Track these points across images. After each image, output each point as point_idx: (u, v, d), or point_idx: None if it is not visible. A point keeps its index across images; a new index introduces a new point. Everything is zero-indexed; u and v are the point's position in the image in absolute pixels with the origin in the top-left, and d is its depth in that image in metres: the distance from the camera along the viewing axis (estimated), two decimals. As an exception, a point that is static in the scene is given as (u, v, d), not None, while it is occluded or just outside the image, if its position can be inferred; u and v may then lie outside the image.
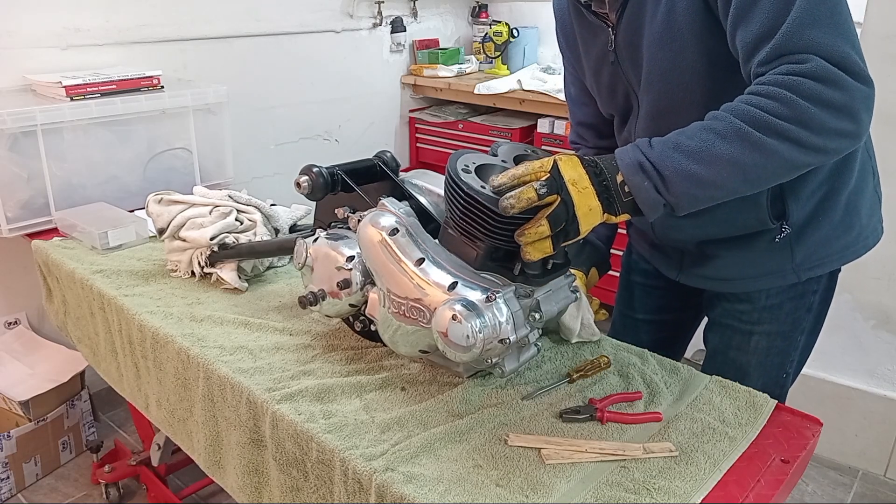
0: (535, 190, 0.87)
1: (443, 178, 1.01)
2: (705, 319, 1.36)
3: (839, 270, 1.22)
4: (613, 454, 0.93)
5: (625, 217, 0.92)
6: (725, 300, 1.26)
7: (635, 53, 1.09)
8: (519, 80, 2.84)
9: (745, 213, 1.11)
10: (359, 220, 1.08)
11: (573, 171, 0.89)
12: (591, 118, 1.32)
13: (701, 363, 1.33)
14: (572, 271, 1.24)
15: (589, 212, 0.89)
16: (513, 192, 0.88)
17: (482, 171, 0.98)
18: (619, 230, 1.43)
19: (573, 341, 1.15)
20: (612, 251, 1.37)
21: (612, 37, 1.10)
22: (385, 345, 1.07)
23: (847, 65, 0.86)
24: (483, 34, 3.13)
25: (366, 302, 1.08)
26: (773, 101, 0.86)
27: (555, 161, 0.90)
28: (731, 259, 1.19)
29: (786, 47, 0.88)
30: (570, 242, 0.92)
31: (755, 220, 1.11)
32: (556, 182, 0.88)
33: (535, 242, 0.89)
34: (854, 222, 1.15)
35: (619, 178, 0.90)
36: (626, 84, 1.14)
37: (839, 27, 0.87)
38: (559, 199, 0.88)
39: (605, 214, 0.91)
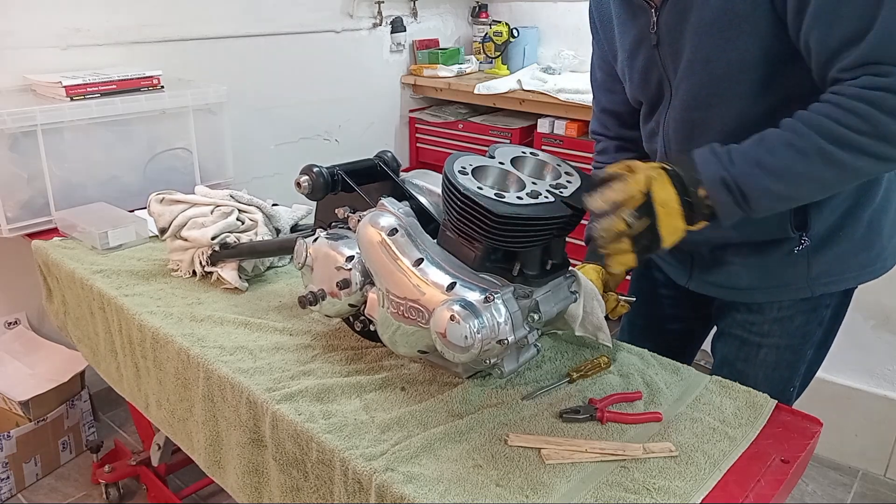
0: (626, 222, 0.91)
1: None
2: (713, 329, 1.34)
3: (854, 288, 1.19)
4: (613, 454, 0.93)
5: (701, 225, 0.95)
6: (735, 310, 1.24)
7: (677, 38, 1.06)
8: (519, 80, 2.84)
9: (768, 220, 1.08)
10: (359, 220, 1.08)
11: (664, 192, 0.92)
12: (617, 105, 1.31)
13: (703, 364, 1.32)
14: (589, 266, 1.24)
15: (674, 231, 0.93)
16: (603, 226, 0.92)
17: (479, 173, 0.98)
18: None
19: (577, 333, 1.13)
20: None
21: (655, 18, 1.08)
22: (385, 345, 1.08)
23: None
24: (483, 34, 3.13)
25: (365, 302, 1.08)
26: (855, 115, 0.87)
27: (649, 181, 0.92)
28: (744, 267, 1.17)
29: (872, 56, 0.87)
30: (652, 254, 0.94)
31: (776, 226, 1.10)
32: (647, 207, 0.92)
33: (616, 255, 0.93)
34: (875, 241, 1.13)
35: (702, 193, 0.93)
36: (661, 70, 1.12)
37: None
38: (647, 222, 0.92)
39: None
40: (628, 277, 1.41)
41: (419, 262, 0.99)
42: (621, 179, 0.93)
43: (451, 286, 0.95)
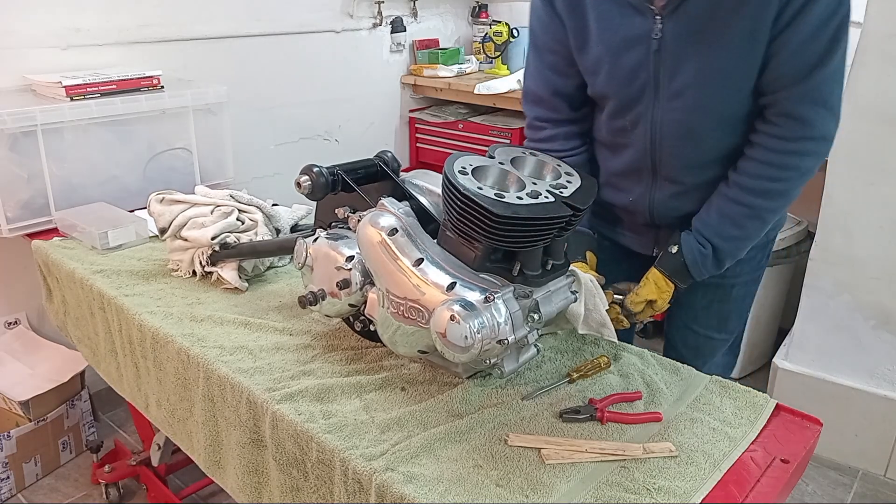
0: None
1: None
2: None
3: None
4: (613, 454, 0.93)
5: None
6: None
7: (685, 47, 1.12)
8: (519, 80, 2.83)
9: None
10: (359, 220, 1.08)
11: (663, 302, 1.28)
12: (570, 89, 1.32)
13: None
14: (575, 266, 1.25)
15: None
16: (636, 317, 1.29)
17: (479, 173, 0.98)
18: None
19: (580, 331, 1.13)
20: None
21: (660, 26, 1.12)
22: (385, 345, 1.08)
23: (837, 114, 1.14)
24: (483, 34, 3.12)
25: (365, 302, 1.08)
26: (784, 170, 1.16)
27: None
28: None
29: (810, 93, 1.10)
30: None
31: None
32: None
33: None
34: None
35: (690, 281, 1.27)
36: (651, 74, 1.17)
37: (841, 80, 1.13)
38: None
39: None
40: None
41: (419, 262, 0.99)
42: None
43: (451, 286, 0.95)
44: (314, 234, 1.17)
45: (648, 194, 1.31)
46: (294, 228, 1.56)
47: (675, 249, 1.25)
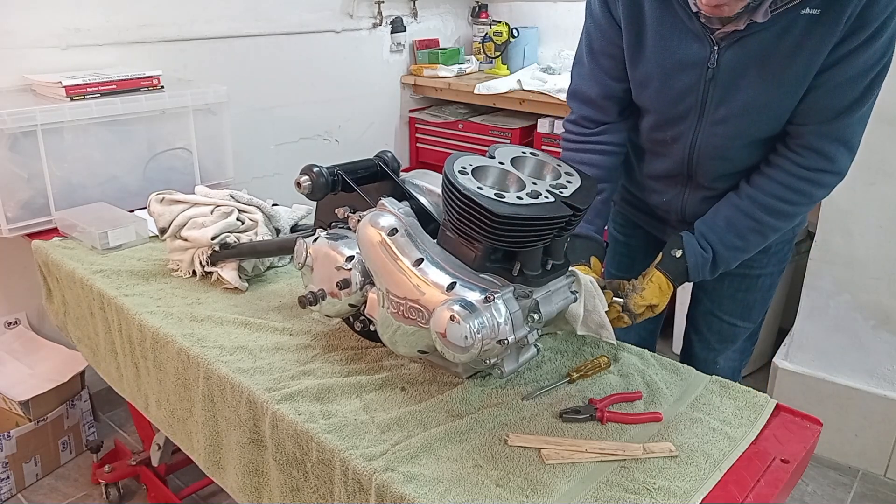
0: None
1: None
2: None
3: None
4: (613, 454, 0.93)
5: None
6: None
7: (737, 79, 1.15)
8: (519, 80, 2.83)
9: None
10: (359, 220, 1.08)
11: (663, 303, 1.27)
12: (622, 93, 1.32)
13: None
14: (578, 269, 1.25)
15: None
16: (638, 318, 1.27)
17: (479, 173, 0.98)
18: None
19: (579, 332, 1.13)
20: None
21: (717, 56, 1.14)
22: (385, 345, 1.08)
23: (855, 153, 1.18)
24: (483, 34, 3.12)
25: (365, 302, 1.08)
26: (797, 194, 1.20)
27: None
28: None
29: (835, 132, 1.15)
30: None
31: None
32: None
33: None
34: None
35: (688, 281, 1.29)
36: (700, 99, 1.19)
37: (866, 122, 1.17)
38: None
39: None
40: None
41: (419, 262, 0.99)
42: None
43: (451, 286, 0.95)
44: (314, 234, 1.17)
45: (682, 196, 1.37)
46: (294, 228, 1.56)
47: (678, 254, 1.26)
